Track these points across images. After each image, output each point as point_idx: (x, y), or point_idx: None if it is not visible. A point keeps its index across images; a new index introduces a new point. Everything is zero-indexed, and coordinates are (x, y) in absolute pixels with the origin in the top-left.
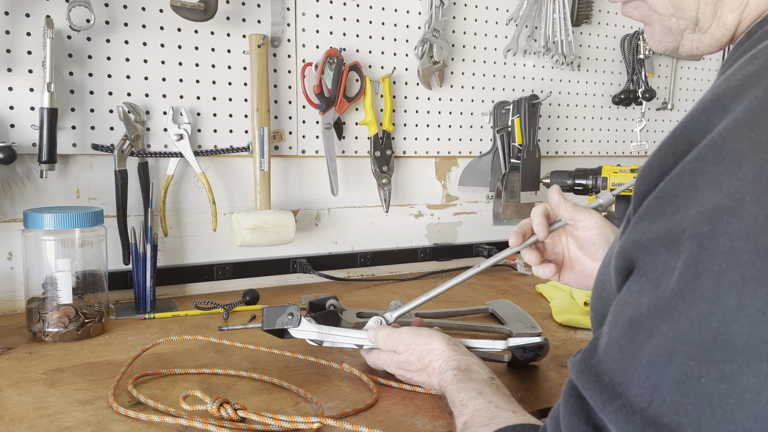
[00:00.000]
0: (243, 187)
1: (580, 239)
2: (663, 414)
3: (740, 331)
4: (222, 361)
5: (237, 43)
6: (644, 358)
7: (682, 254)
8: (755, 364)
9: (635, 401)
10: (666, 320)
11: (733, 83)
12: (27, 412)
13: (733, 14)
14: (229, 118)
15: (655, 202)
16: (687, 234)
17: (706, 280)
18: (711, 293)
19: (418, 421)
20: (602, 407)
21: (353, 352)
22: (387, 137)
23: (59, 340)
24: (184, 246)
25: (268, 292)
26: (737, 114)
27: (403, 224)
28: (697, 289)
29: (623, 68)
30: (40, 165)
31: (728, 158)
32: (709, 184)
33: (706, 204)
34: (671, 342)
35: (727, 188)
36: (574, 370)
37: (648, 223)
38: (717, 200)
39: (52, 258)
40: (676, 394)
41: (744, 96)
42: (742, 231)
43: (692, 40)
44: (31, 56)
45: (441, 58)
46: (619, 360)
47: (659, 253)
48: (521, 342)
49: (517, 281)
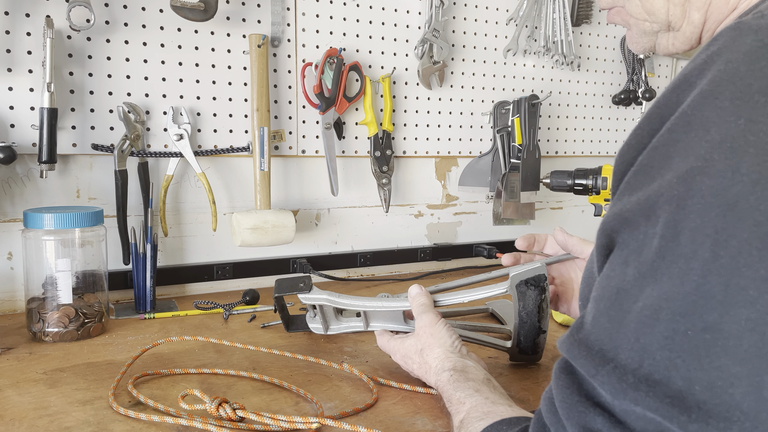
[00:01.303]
0: (243, 187)
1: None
2: (654, 371)
3: (717, 280)
4: (222, 361)
5: (237, 43)
6: (632, 322)
7: (660, 218)
8: (734, 311)
9: (626, 363)
10: (650, 283)
11: (698, 63)
12: (27, 412)
13: (699, 12)
14: (229, 118)
15: (633, 176)
16: (664, 198)
17: (683, 238)
18: (688, 249)
19: (418, 421)
20: (594, 372)
21: (353, 352)
22: (387, 137)
23: (59, 340)
24: (184, 246)
25: (268, 292)
26: (702, 86)
27: (403, 224)
28: (676, 248)
29: (623, 68)
30: (40, 165)
31: (697, 125)
32: (681, 151)
33: (679, 168)
34: (656, 302)
35: (698, 151)
36: (563, 346)
37: (627, 197)
38: (689, 163)
39: (52, 258)
40: (665, 350)
41: (707, 71)
42: (713, 187)
43: (667, 38)
44: (31, 56)
45: (441, 58)
46: (608, 328)
47: (639, 222)
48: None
49: None
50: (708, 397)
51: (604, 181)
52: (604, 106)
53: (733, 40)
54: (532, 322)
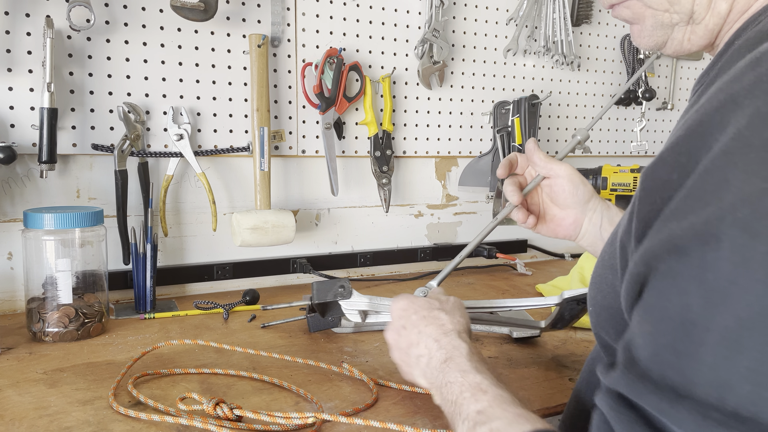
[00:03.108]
0: (243, 187)
1: (551, 188)
2: (740, 407)
3: None
4: (222, 361)
5: (237, 43)
6: (707, 355)
7: (723, 243)
8: None
9: (706, 399)
10: (722, 312)
11: (745, 84)
12: (27, 412)
13: (727, 2)
14: (229, 118)
15: (683, 201)
16: (727, 222)
17: (754, 263)
18: (762, 274)
19: (418, 421)
20: (669, 409)
21: (353, 352)
22: (387, 137)
23: (59, 340)
24: (184, 246)
25: (268, 292)
26: (760, 107)
27: (403, 224)
28: (748, 273)
29: (623, 68)
30: (40, 165)
31: (758, 146)
32: (741, 173)
33: (742, 191)
34: (736, 331)
35: (763, 173)
36: (620, 383)
37: (676, 222)
38: (754, 185)
39: (52, 258)
40: (749, 383)
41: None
42: None
43: (684, 33)
44: (31, 56)
45: (441, 58)
46: (676, 363)
47: (691, 249)
48: (575, 294)
49: (517, 281)
50: None
51: (605, 181)
52: (604, 106)
53: None
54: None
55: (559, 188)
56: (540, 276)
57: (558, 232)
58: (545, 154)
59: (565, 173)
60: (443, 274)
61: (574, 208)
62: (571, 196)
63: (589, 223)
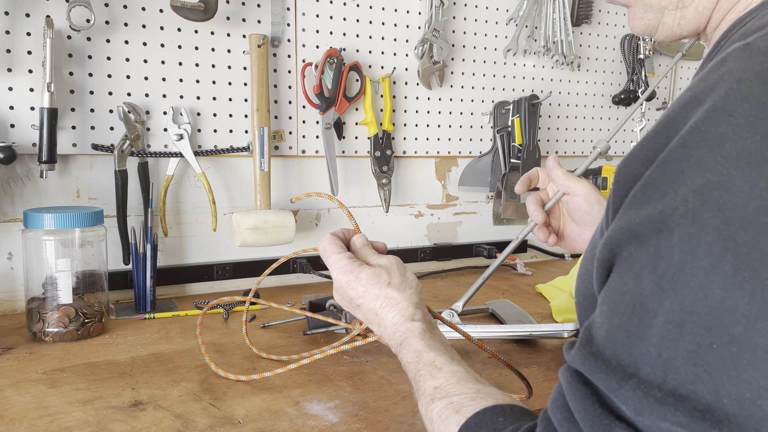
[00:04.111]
0: (243, 187)
1: (569, 205)
2: (679, 386)
3: (741, 294)
4: (222, 361)
5: (237, 43)
6: (654, 336)
7: (675, 232)
8: (760, 324)
9: (650, 378)
10: (670, 296)
11: (709, 82)
12: (27, 412)
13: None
14: (229, 118)
15: (641, 190)
16: (679, 212)
17: (701, 252)
18: (707, 263)
19: (419, 421)
20: (616, 387)
21: (354, 352)
22: (387, 137)
23: (59, 340)
24: (184, 246)
25: (268, 292)
26: (716, 102)
27: (403, 224)
28: (694, 261)
29: (623, 68)
30: (40, 165)
31: (711, 140)
32: (695, 165)
33: (694, 183)
34: (679, 315)
35: (714, 166)
36: (576, 360)
37: (635, 210)
38: (705, 178)
39: (52, 258)
40: (690, 364)
41: (718, 89)
42: (731, 202)
43: (674, 17)
44: (31, 56)
45: (441, 58)
46: (626, 343)
47: (648, 236)
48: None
49: (517, 281)
50: (737, 410)
51: (604, 181)
52: (604, 106)
53: (744, 61)
54: None
55: (575, 206)
56: (540, 276)
57: (576, 248)
58: (565, 171)
59: (582, 192)
60: (468, 295)
61: (589, 226)
62: (586, 215)
63: None
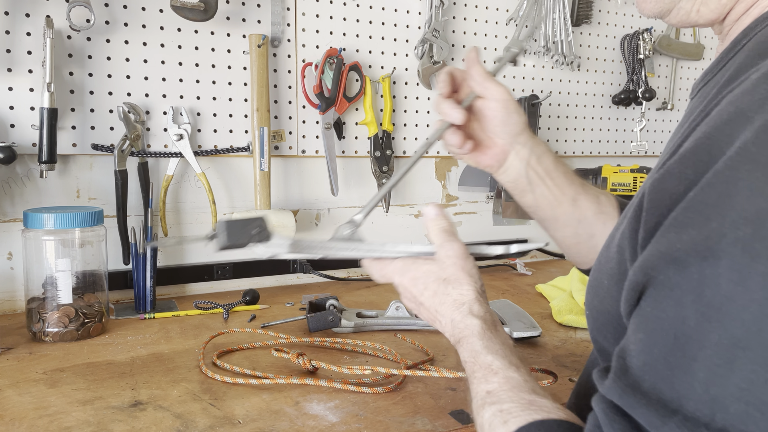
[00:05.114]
0: (243, 187)
1: (482, 111)
2: (729, 425)
3: None
4: (222, 361)
5: (237, 43)
6: (700, 371)
7: (723, 260)
8: None
9: (696, 415)
10: (717, 328)
11: (756, 97)
12: (27, 412)
13: None
14: (229, 118)
15: (683, 213)
16: (728, 240)
17: (753, 284)
18: (760, 295)
19: (418, 421)
20: (659, 424)
21: (353, 353)
22: (387, 137)
23: (59, 340)
24: (184, 245)
25: (268, 292)
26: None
27: (403, 224)
28: (745, 293)
29: (623, 68)
30: (40, 165)
31: (763, 164)
32: (745, 190)
33: (744, 209)
34: (729, 350)
35: (767, 191)
36: (613, 392)
37: (675, 234)
38: (757, 204)
39: (52, 258)
40: (741, 402)
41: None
42: None
43: (693, 2)
44: (31, 56)
45: (441, 58)
46: (668, 376)
47: (692, 263)
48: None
49: (517, 281)
50: None
51: (604, 181)
52: (604, 106)
53: None
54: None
55: (490, 112)
56: (540, 276)
57: (480, 161)
58: (485, 69)
59: (500, 96)
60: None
61: (502, 138)
62: (502, 123)
63: (516, 157)
